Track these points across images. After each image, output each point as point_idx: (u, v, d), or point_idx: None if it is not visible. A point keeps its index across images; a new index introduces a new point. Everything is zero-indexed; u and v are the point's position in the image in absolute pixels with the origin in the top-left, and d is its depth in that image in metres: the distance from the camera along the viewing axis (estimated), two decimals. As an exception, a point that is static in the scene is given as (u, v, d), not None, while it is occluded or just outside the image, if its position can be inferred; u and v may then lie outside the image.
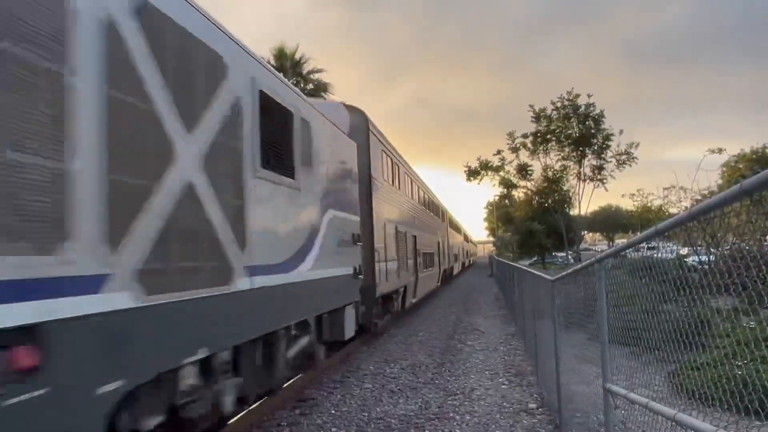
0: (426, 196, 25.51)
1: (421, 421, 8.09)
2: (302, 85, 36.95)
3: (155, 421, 4.69)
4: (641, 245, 3.96)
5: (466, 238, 66.97)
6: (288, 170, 7.52)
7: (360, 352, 13.32)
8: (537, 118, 38.94)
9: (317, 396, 9.55)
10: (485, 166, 42.54)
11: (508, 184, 43.08)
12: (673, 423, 3.04)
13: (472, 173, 43.02)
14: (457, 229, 46.99)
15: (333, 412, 8.68)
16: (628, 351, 4.43)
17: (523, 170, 41.44)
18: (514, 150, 40.84)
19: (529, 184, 42.70)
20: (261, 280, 6.40)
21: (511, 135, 40.53)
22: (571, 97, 38.08)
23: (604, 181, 38.80)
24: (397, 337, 15.60)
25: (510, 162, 41.72)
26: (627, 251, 4.32)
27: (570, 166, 39.97)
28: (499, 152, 41.85)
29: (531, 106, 39.23)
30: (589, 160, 38.95)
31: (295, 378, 9.38)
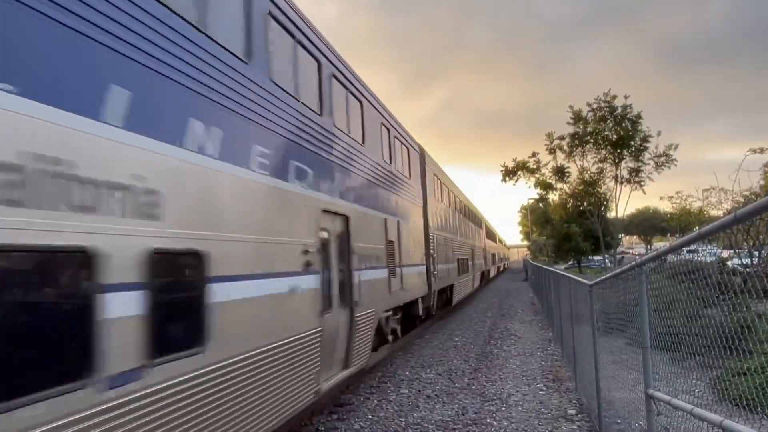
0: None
1: (459, 426, 8.06)
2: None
3: None
4: (681, 249, 3.90)
5: (491, 236, 52.24)
6: None
7: (396, 357, 13.32)
8: (576, 119, 38.29)
9: (354, 401, 9.58)
10: (522, 167, 41.95)
11: (545, 185, 42.37)
12: (720, 430, 2.98)
13: (509, 173, 42.49)
14: (474, 219, 35.48)
15: (370, 417, 8.71)
16: (669, 357, 4.36)
17: (560, 172, 40.73)
18: (552, 151, 40.18)
19: (565, 187, 42.01)
20: None
21: (549, 135, 39.92)
22: (607, 99, 37.46)
23: (642, 183, 37.98)
24: (433, 342, 15.56)
25: (546, 164, 41.10)
26: (668, 255, 4.26)
27: (607, 169, 39.24)
28: (534, 155, 41.26)
29: (570, 106, 38.57)
30: (627, 163, 38.19)
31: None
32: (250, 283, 5.89)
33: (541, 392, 9.84)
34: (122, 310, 4.06)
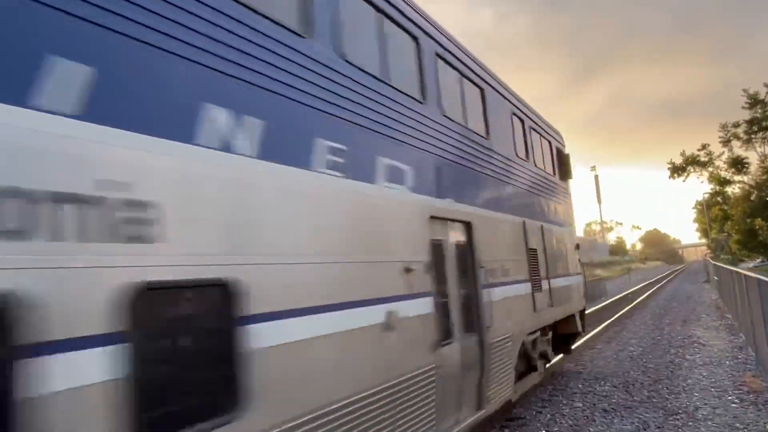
0: None
1: (641, 442, 7.59)
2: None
3: None
4: None
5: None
6: None
7: (567, 369, 12.85)
8: (753, 103, 34.64)
9: (526, 415, 9.38)
10: (691, 161, 38.54)
11: (720, 181, 38.65)
12: None
13: (676, 170, 39.23)
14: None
15: (544, 431, 8.48)
16: None
17: (738, 164, 36.94)
18: (725, 143, 36.61)
19: (745, 179, 38.04)
20: None
21: (723, 127, 36.48)
22: (789, 76, 33.58)
23: (844, 164, 33.41)
24: (606, 353, 14.80)
25: (719, 156, 37.52)
26: None
27: (795, 153, 35.03)
28: (704, 147, 37.82)
29: (745, 90, 35.05)
30: (820, 144, 33.86)
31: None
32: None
33: (733, 405, 8.98)
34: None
